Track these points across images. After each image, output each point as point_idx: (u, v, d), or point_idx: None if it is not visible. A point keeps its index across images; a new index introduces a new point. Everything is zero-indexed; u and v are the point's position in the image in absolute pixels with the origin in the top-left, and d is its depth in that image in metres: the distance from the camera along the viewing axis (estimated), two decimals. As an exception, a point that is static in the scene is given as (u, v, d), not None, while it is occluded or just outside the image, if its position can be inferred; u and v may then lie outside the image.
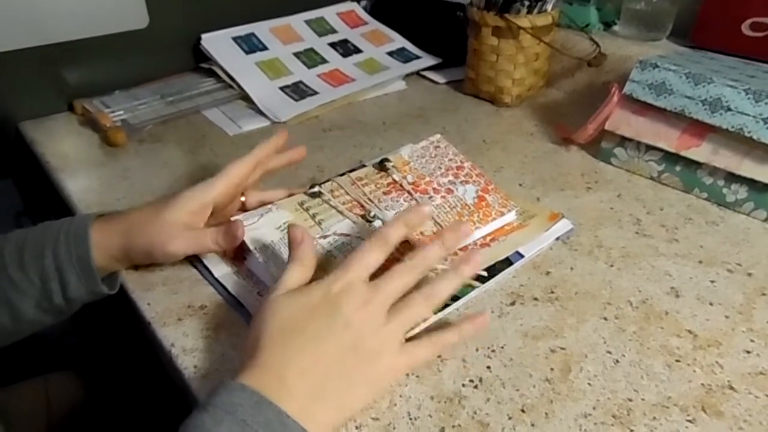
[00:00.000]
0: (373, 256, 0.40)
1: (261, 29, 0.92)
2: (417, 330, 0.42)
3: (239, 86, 0.83)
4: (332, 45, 0.96)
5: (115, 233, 0.46)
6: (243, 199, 0.54)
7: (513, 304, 0.47)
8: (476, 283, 0.47)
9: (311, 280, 0.40)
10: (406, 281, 0.39)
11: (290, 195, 0.54)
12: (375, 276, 0.39)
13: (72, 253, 0.45)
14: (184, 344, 0.43)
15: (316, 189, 0.53)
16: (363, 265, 0.39)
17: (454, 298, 0.46)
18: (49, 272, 0.44)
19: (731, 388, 0.40)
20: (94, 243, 0.45)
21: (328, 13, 1.00)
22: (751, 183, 0.57)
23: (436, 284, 0.40)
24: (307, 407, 0.34)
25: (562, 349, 0.43)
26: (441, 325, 0.42)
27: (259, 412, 0.32)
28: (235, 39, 0.89)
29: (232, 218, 0.49)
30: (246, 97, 0.83)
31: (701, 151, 0.59)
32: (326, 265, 0.46)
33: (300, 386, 0.35)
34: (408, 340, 0.40)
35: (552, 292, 0.48)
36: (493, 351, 0.43)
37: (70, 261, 0.44)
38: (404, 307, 0.39)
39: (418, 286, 0.40)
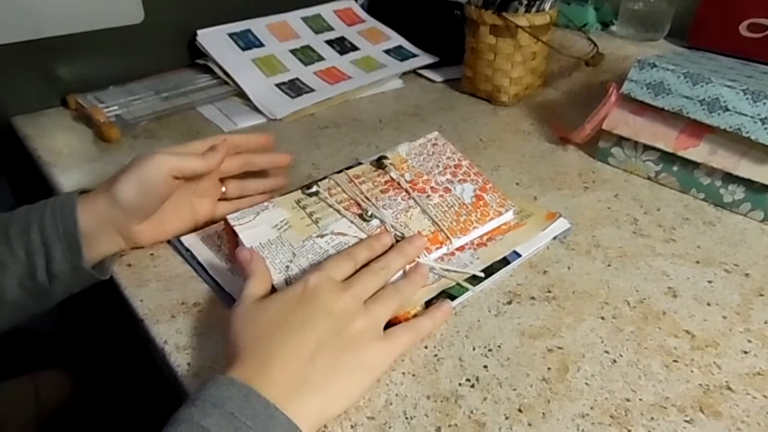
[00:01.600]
0: (346, 264, 0.43)
1: (257, 26, 0.91)
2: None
3: (235, 83, 0.83)
4: (329, 42, 0.95)
5: (100, 196, 0.46)
6: (224, 189, 0.55)
7: (510, 303, 0.47)
8: (469, 285, 0.47)
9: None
10: (375, 282, 0.42)
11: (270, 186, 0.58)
12: None
13: (58, 226, 0.44)
14: (177, 341, 0.43)
15: (314, 189, 0.52)
16: (338, 267, 0.42)
17: (452, 298, 0.46)
18: (35, 245, 0.43)
19: (729, 388, 0.40)
20: (80, 213, 0.44)
21: (325, 10, 1.00)
22: (748, 183, 0.57)
23: (401, 283, 0.43)
24: (290, 394, 0.34)
25: (560, 348, 0.43)
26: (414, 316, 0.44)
27: (248, 405, 0.32)
28: (231, 35, 0.88)
29: (228, 216, 0.48)
30: (241, 94, 0.83)
31: (699, 152, 0.59)
32: None
33: (282, 374, 0.35)
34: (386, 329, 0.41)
35: (549, 292, 0.48)
36: (489, 350, 0.42)
37: (56, 234, 0.44)
38: (378, 299, 0.41)
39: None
